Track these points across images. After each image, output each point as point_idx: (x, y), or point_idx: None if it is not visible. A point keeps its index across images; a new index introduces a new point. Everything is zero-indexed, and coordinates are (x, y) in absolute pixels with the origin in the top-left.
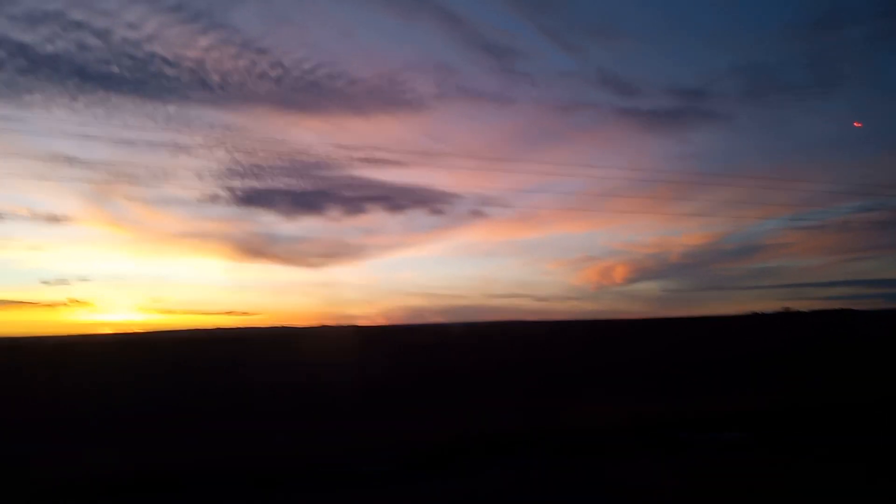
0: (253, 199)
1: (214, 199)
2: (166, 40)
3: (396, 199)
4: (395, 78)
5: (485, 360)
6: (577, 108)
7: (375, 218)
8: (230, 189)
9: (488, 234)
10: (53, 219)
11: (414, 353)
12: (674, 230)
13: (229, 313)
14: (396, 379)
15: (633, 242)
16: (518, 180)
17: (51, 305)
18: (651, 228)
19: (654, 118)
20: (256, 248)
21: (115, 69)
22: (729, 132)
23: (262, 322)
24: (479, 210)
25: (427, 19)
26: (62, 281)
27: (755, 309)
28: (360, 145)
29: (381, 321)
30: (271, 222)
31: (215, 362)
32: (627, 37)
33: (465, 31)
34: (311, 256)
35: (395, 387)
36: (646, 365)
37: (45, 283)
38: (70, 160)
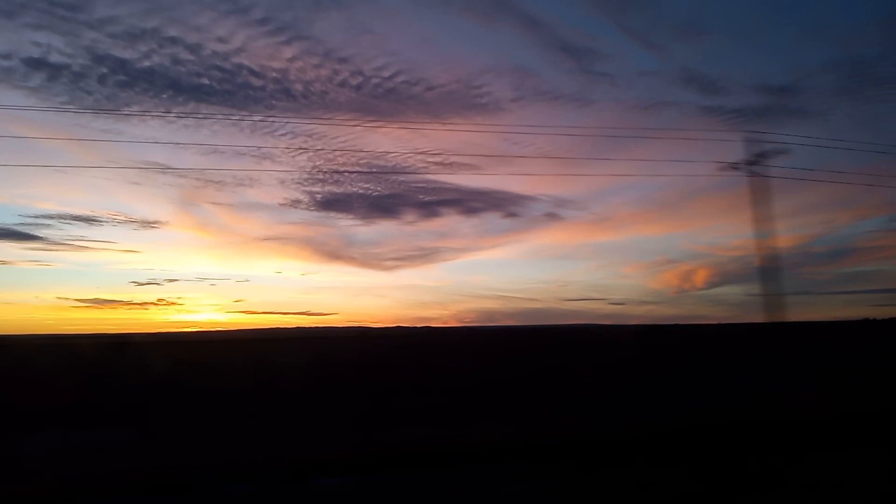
0: (331, 203)
1: (295, 203)
2: (253, 52)
3: (471, 202)
4: (472, 82)
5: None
6: (659, 107)
7: (449, 221)
8: (310, 194)
9: (563, 237)
10: (146, 223)
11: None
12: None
13: (306, 314)
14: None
15: (717, 245)
16: (595, 182)
17: (142, 304)
18: (735, 231)
19: (741, 116)
20: (333, 252)
21: (206, 81)
22: (821, 129)
23: (338, 322)
24: (554, 213)
25: (505, 23)
26: (153, 281)
27: (847, 315)
28: (436, 149)
29: (453, 323)
30: (348, 226)
31: None
32: (713, 34)
33: (544, 34)
34: (386, 259)
35: None
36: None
37: (137, 283)
38: (163, 168)
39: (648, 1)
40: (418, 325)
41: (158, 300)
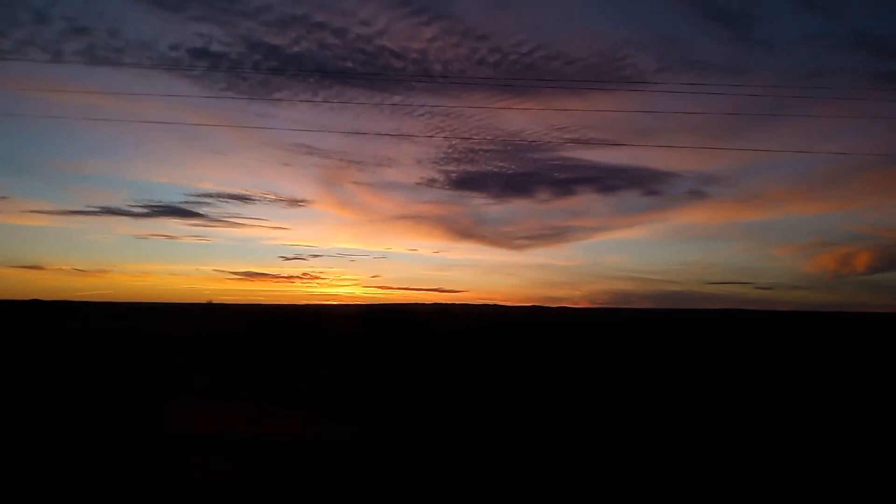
0: (466, 182)
1: (431, 182)
2: (394, 34)
3: (608, 179)
4: (614, 55)
5: None
6: (823, 74)
7: (585, 199)
8: (445, 173)
9: (708, 216)
10: (294, 202)
11: None
12: None
13: (438, 290)
14: None
15: (882, 226)
16: (745, 157)
17: (289, 278)
18: None
19: None
20: (465, 230)
21: (350, 64)
22: None
23: (470, 299)
24: (698, 190)
25: None
26: (298, 256)
27: None
28: (574, 126)
29: (584, 304)
30: (481, 204)
31: None
32: None
33: (694, 1)
34: (516, 238)
35: None
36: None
37: (284, 258)
38: (308, 149)
39: None
40: (550, 305)
41: (303, 274)
